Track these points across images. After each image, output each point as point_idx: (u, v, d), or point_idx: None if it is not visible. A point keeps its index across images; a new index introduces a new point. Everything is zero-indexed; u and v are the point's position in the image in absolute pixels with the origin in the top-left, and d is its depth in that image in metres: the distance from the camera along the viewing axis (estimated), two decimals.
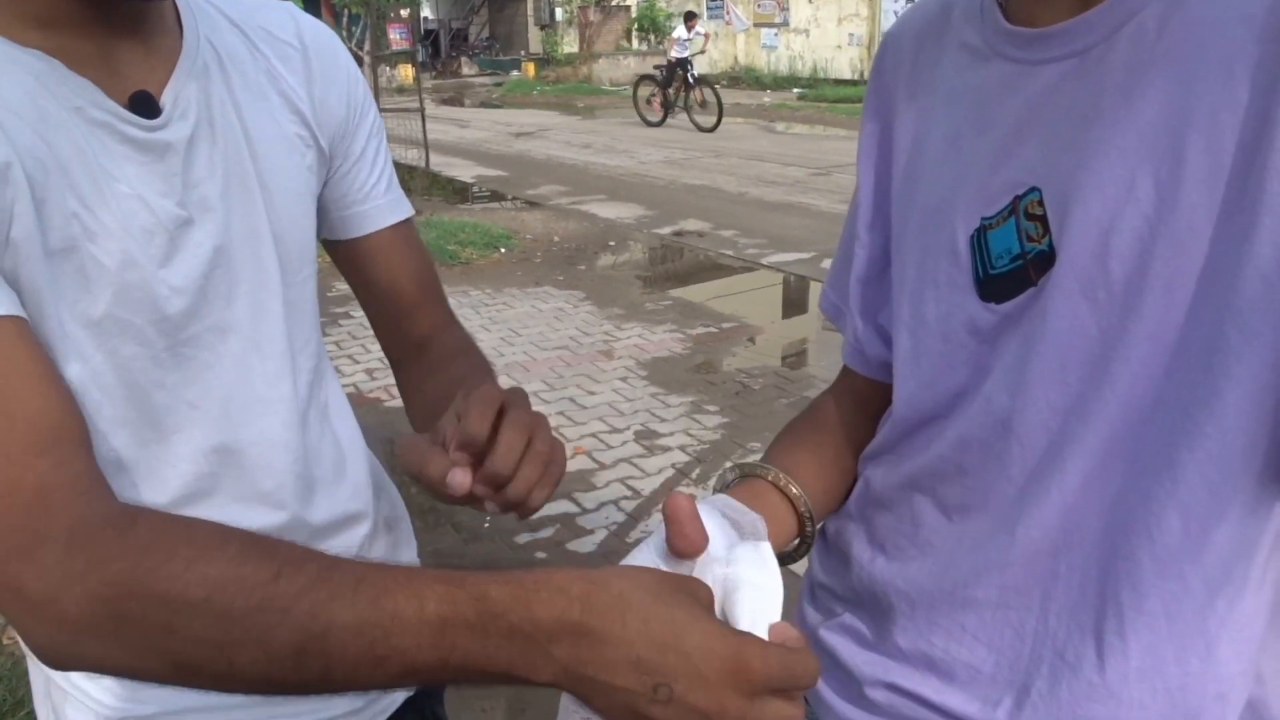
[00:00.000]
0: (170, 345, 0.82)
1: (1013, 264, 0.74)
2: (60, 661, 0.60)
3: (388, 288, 1.02)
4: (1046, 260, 0.71)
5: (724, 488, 0.89)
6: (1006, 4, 0.77)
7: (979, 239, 0.77)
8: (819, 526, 0.94)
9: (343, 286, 1.05)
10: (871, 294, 0.93)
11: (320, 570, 0.57)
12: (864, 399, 0.97)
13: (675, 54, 16.21)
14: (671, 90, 16.17)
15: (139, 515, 0.60)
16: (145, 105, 0.78)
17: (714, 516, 0.71)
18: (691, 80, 15.67)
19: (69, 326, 0.75)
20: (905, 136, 0.86)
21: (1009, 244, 0.74)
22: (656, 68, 16.83)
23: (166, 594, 0.55)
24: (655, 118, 16.55)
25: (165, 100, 0.80)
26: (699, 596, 0.60)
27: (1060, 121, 0.71)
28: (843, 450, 0.97)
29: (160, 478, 0.83)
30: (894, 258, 0.88)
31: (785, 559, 0.93)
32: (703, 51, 16.55)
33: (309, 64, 0.92)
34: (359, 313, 1.02)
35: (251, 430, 0.88)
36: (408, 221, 1.03)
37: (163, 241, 0.79)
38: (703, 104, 15.46)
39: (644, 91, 16.99)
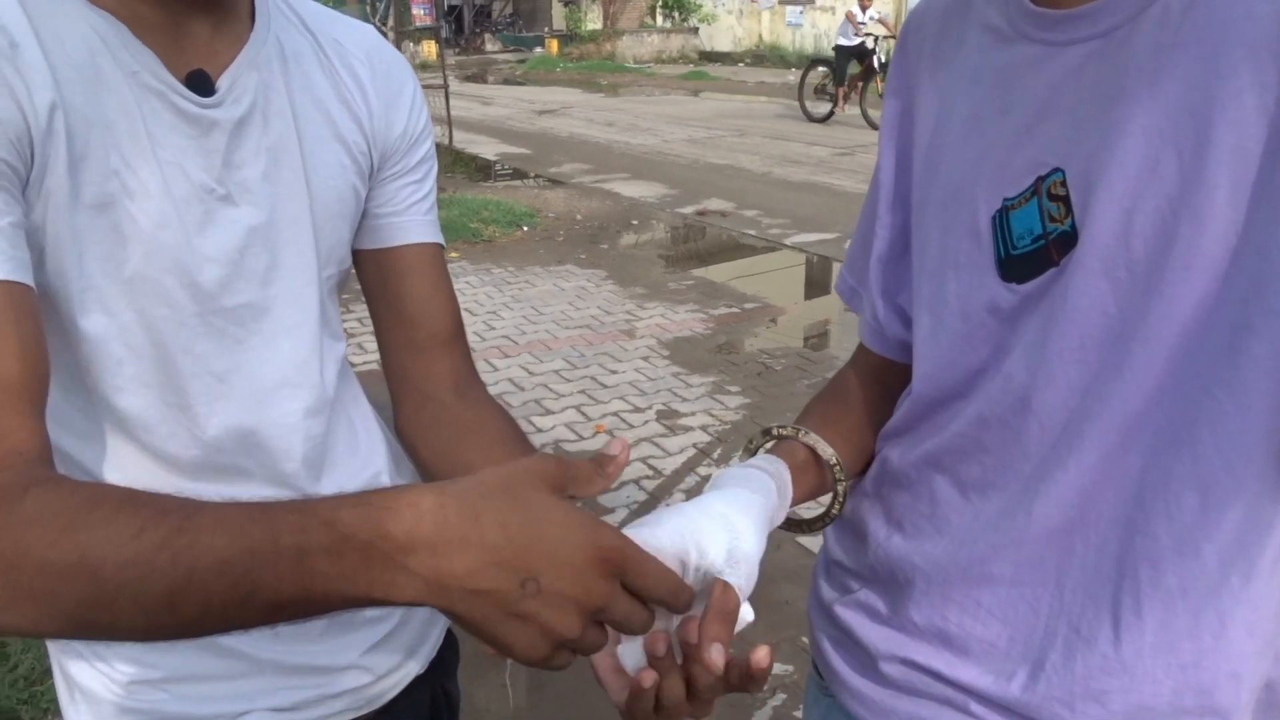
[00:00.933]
0: (201, 313, 0.83)
1: (1034, 244, 0.75)
2: None
3: (416, 315, 0.98)
4: (1069, 240, 0.72)
5: (755, 451, 0.91)
6: None
7: (1001, 219, 0.77)
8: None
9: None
10: (892, 274, 0.93)
11: (182, 519, 0.58)
12: (881, 378, 0.98)
13: (846, 39, 13.93)
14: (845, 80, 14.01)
15: (30, 487, 0.61)
16: (200, 84, 0.81)
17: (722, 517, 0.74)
18: (877, 66, 13.44)
19: (97, 280, 0.78)
20: (928, 116, 0.87)
21: (1031, 224, 0.75)
22: (836, 49, 14.29)
23: (45, 561, 0.57)
24: (822, 110, 14.20)
25: (222, 84, 0.82)
26: (551, 482, 0.61)
27: (1084, 102, 0.72)
28: (862, 426, 0.98)
29: (180, 443, 0.86)
30: (914, 237, 0.88)
31: (818, 522, 0.95)
32: (891, 36, 13.77)
33: (375, 81, 0.94)
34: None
35: (275, 412, 0.89)
36: (440, 249, 1.01)
37: (199, 211, 0.81)
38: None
39: (814, 78, 14.68)
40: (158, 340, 0.82)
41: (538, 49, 28.66)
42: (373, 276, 0.99)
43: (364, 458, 1.00)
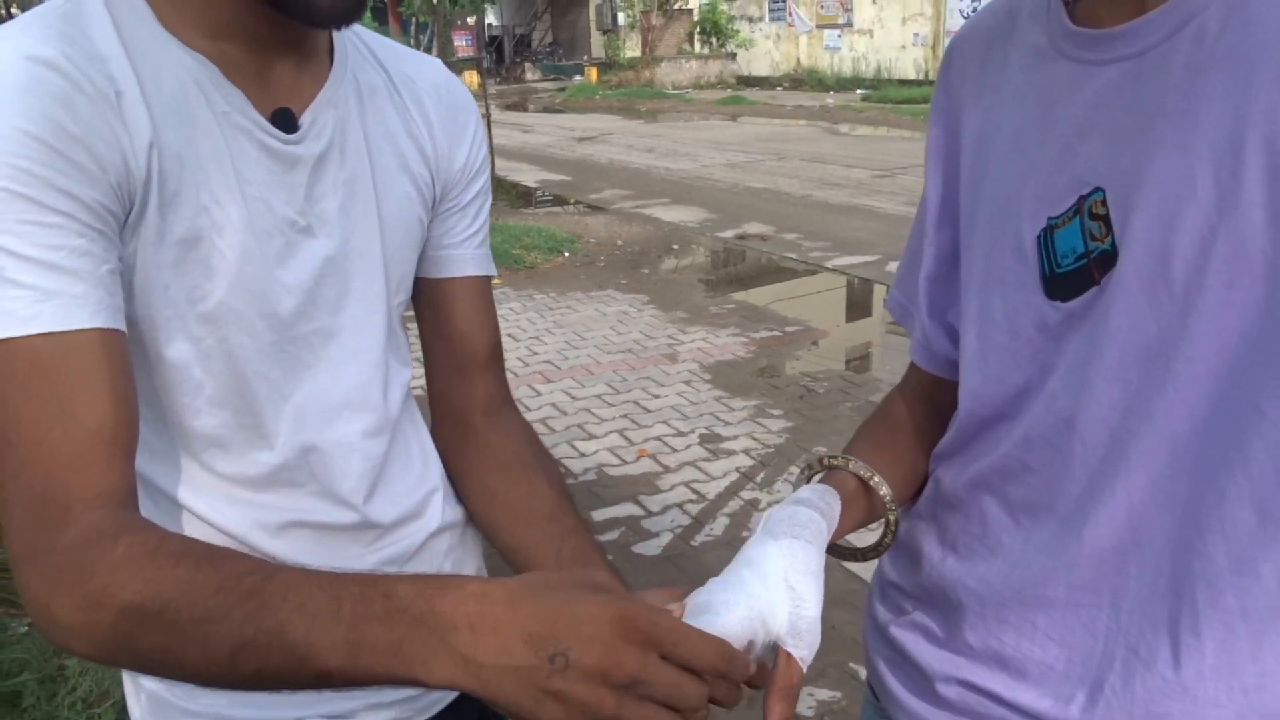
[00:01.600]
0: (277, 341, 0.87)
1: (1077, 263, 0.75)
2: (59, 648, 0.71)
3: (457, 337, 1.04)
4: (1109, 259, 0.72)
5: (809, 479, 0.92)
6: (1073, 5, 0.78)
7: (1046, 238, 0.78)
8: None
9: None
10: (940, 292, 0.94)
11: (257, 581, 0.64)
12: (931, 396, 0.99)
13: None
14: None
15: (120, 535, 0.67)
16: (285, 121, 0.85)
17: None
18: None
19: (183, 309, 0.81)
20: (972, 135, 0.87)
21: (1074, 243, 0.75)
22: None
23: (128, 606, 0.64)
24: None
25: (304, 120, 0.86)
26: (596, 584, 0.64)
27: (1122, 121, 0.72)
28: (914, 447, 0.98)
29: (250, 461, 0.89)
30: (963, 255, 0.89)
31: (871, 551, 0.96)
32: None
33: (441, 115, 0.98)
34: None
35: (336, 432, 0.92)
36: (489, 281, 1.06)
37: (280, 244, 0.85)
38: None
39: None
40: (235, 367, 0.85)
41: (577, 77, 28.94)
42: (422, 302, 1.05)
43: (418, 476, 1.02)
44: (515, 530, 0.99)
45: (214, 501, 0.88)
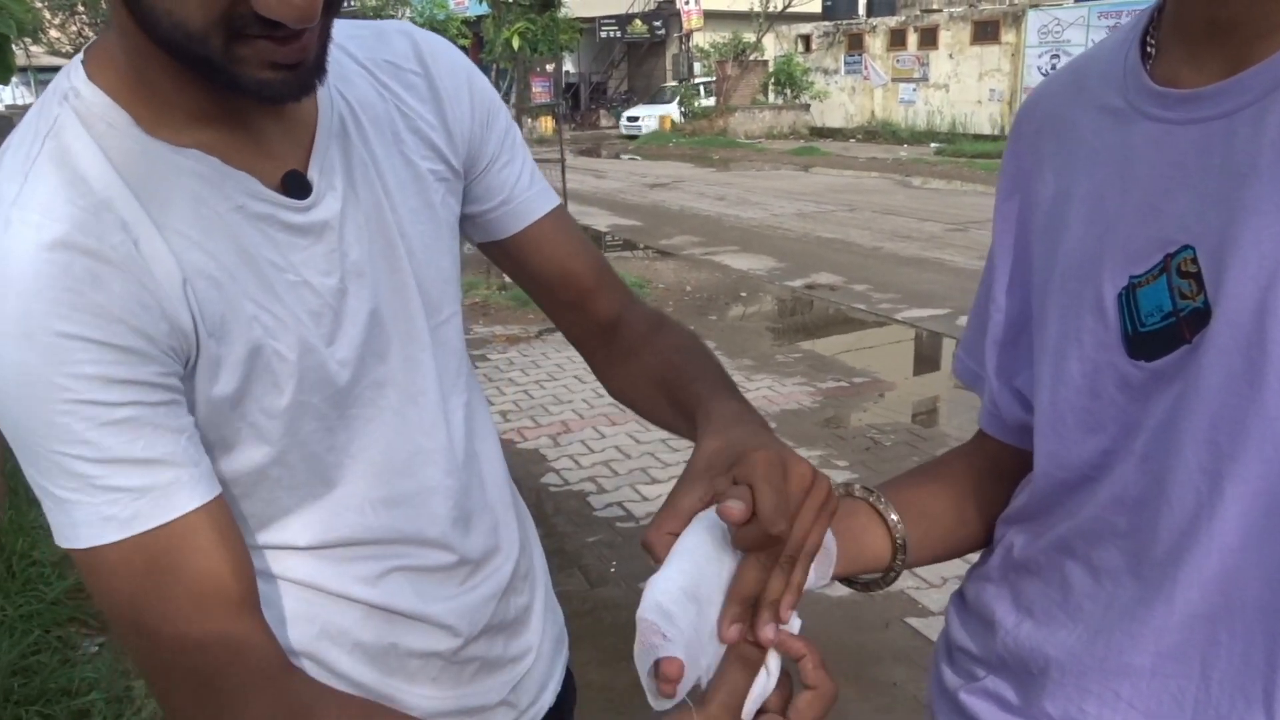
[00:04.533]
0: (340, 413, 0.85)
1: (1164, 321, 0.74)
2: None
3: (556, 277, 1.03)
4: (1201, 317, 0.71)
5: None
6: (1152, 67, 0.78)
7: (1127, 296, 0.77)
8: (912, 565, 0.94)
9: (478, 330, 1.08)
10: (1008, 357, 0.93)
11: None
12: (997, 462, 0.97)
13: None
14: None
15: (249, 694, 0.71)
16: (297, 184, 0.80)
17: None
18: None
19: (257, 418, 0.79)
20: (1043, 200, 0.87)
21: (1160, 301, 0.74)
22: None
23: None
24: None
25: (312, 173, 0.81)
26: None
27: (1212, 180, 0.71)
28: (963, 503, 0.96)
29: (330, 526, 0.87)
30: (1035, 319, 0.88)
31: (871, 585, 0.95)
32: None
33: (434, 87, 0.93)
34: (495, 355, 1.06)
35: (413, 480, 0.90)
36: (560, 210, 1.03)
37: (329, 320, 0.82)
38: None
39: None
40: (306, 450, 0.83)
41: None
42: (508, 263, 1.04)
43: (490, 503, 1.01)
44: (646, 409, 1.02)
45: (304, 568, 0.87)
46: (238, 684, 0.71)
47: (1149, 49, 0.79)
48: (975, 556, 1.00)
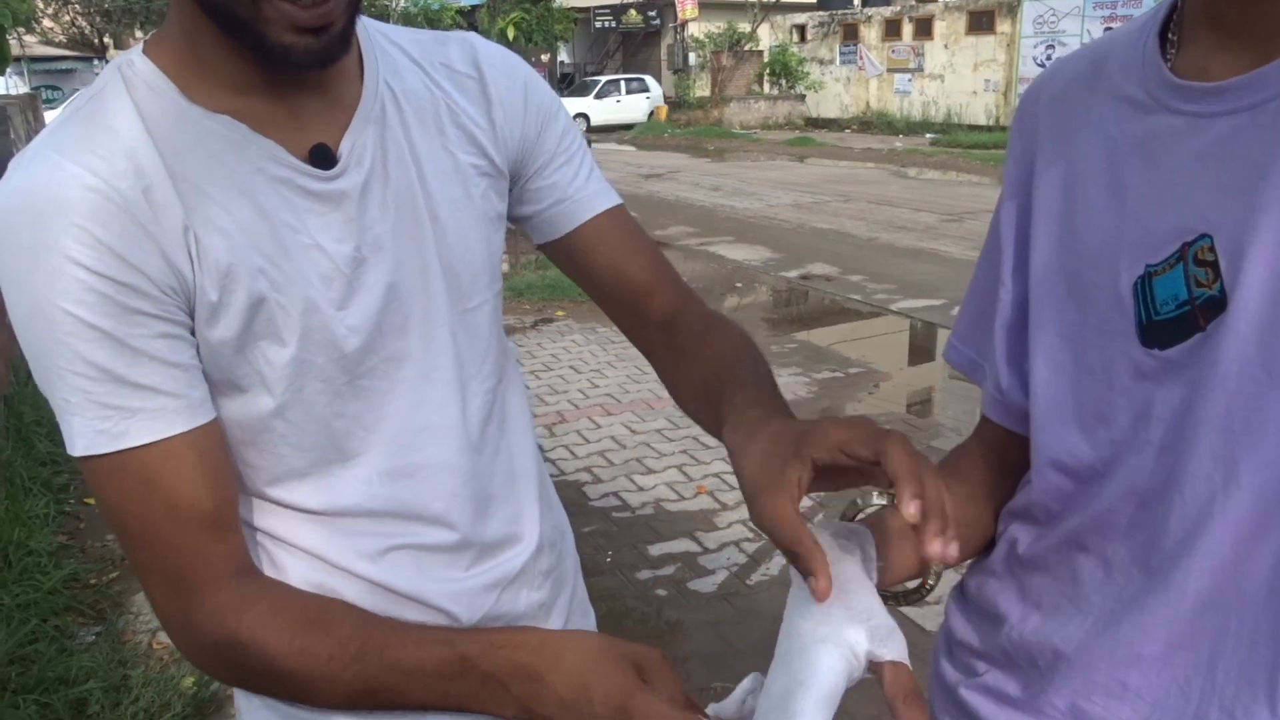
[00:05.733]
0: (349, 380, 0.87)
1: (1179, 309, 0.74)
2: (199, 669, 0.91)
3: (613, 276, 1.03)
4: (1217, 305, 0.71)
5: (852, 518, 0.88)
6: (1173, 59, 0.78)
7: (1143, 285, 0.77)
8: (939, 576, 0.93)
9: (508, 319, 1.06)
10: (1017, 341, 0.92)
11: (359, 647, 0.82)
12: (1003, 453, 0.96)
13: None
14: None
15: (244, 609, 0.81)
16: (323, 157, 0.84)
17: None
18: None
19: (261, 367, 0.83)
20: (1054, 185, 0.86)
21: (1176, 290, 0.74)
22: None
23: (257, 671, 0.82)
24: None
25: (342, 149, 0.85)
26: (638, 662, 0.81)
27: (1234, 171, 0.71)
28: (977, 504, 0.96)
29: (338, 493, 0.89)
30: (1034, 305, 0.87)
31: (909, 596, 0.93)
32: None
33: (486, 90, 0.96)
34: (523, 342, 1.07)
35: (421, 454, 0.92)
36: (618, 209, 1.04)
37: (341, 285, 0.85)
38: None
39: None
40: (313, 412, 0.86)
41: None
42: (565, 261, 1.05)
43: (511, 491, 1.01)
44: (693, 411, 1.02)
45: (312, 536, 0.90)
46: (199, 580, 0.81)
47: (1170, 40, 0.79)
48: None
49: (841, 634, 0.71)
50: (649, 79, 29.06)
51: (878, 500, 0.86)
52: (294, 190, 0.83)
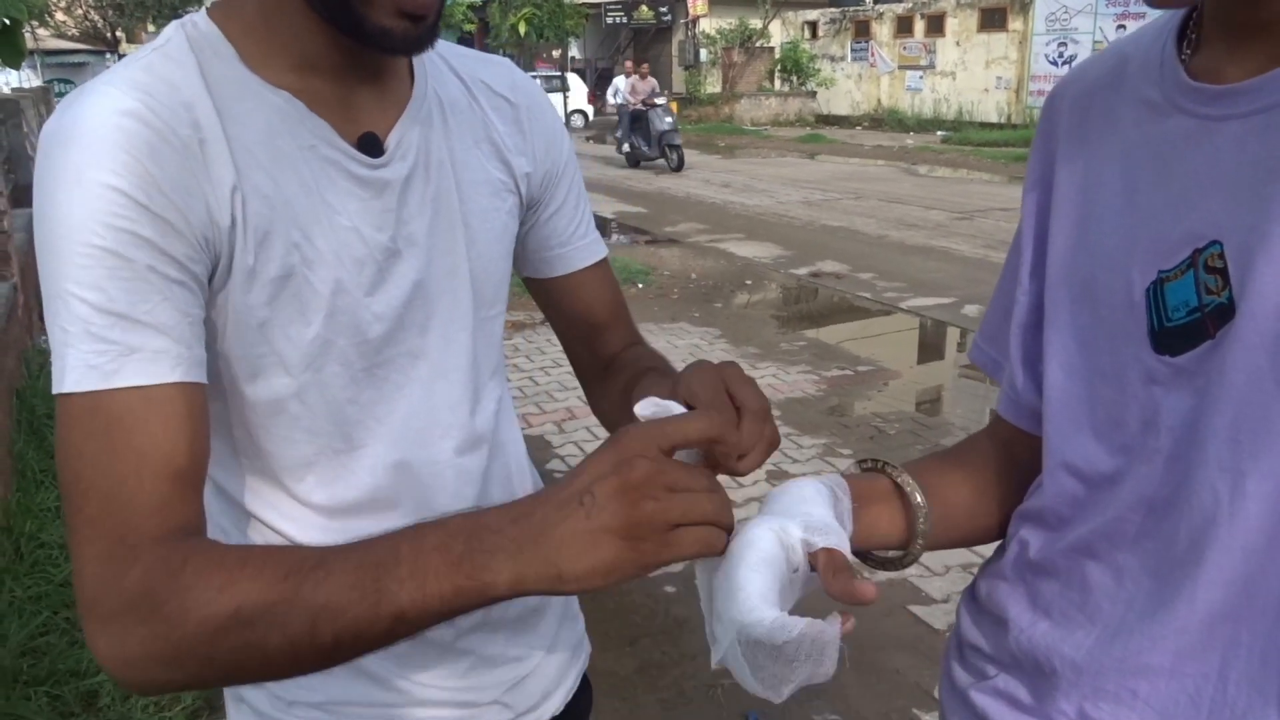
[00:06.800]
0: (367, 367, 0.88)
1: (1189, 316, 0.73)
2: (137, 689, 0.73)
3: (582, 317, 1.10)
4: (1225, 313, 0.70)
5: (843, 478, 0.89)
6: (1189, 61, 0.78)
7: (1155, 291, 0.76)
8: (919, 558, 0.93)
9: (516, 315, 1.09)
10: (1033, 341, 0.91)
11: (319, 556, 0.69)
12: (1013, 451, 0.96)
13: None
14: None
15: (189, 556, 0.70)
16: (371, 146, 0.86)
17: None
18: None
19: (280, 345, 0.83)
20: (1073, 186, 0.86)
21: (1186, 296, 0.74)
22: None
23: (203, 618, 0.68)
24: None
25: (390, 142, 0.87)
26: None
27: (1244, 176, 0.71)
28: (981, 495, 0.96)
29: (345, 484, 0.90)
30: (1049, 308, 0.87)
31: (888, 564, 0.94)
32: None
33: (519, 117, 0.99)
34: (532, 338, 1.09)
35: (428, 450, 0.93)
36: (602, 262, 1.10)
37: (372, 271, 0.86)
38: None
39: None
40: (328, 395, 0.87)
41: None
42: (543, 297, 1.11)
43: (513, 494, 1.02)
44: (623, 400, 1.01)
45: (312, 532, 0.89)
46: (146, 539, 0.71)
47: (1188, 41, 0.78)
48: (983, 547, 1.00)
49: (775, 520, 0.74)
50: (573, 77, 28.21)
51: (872, 467, 0.94)
52: (340, 172, 0.84)
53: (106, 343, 0.72)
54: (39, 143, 0.76)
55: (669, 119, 16.16)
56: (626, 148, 17.16)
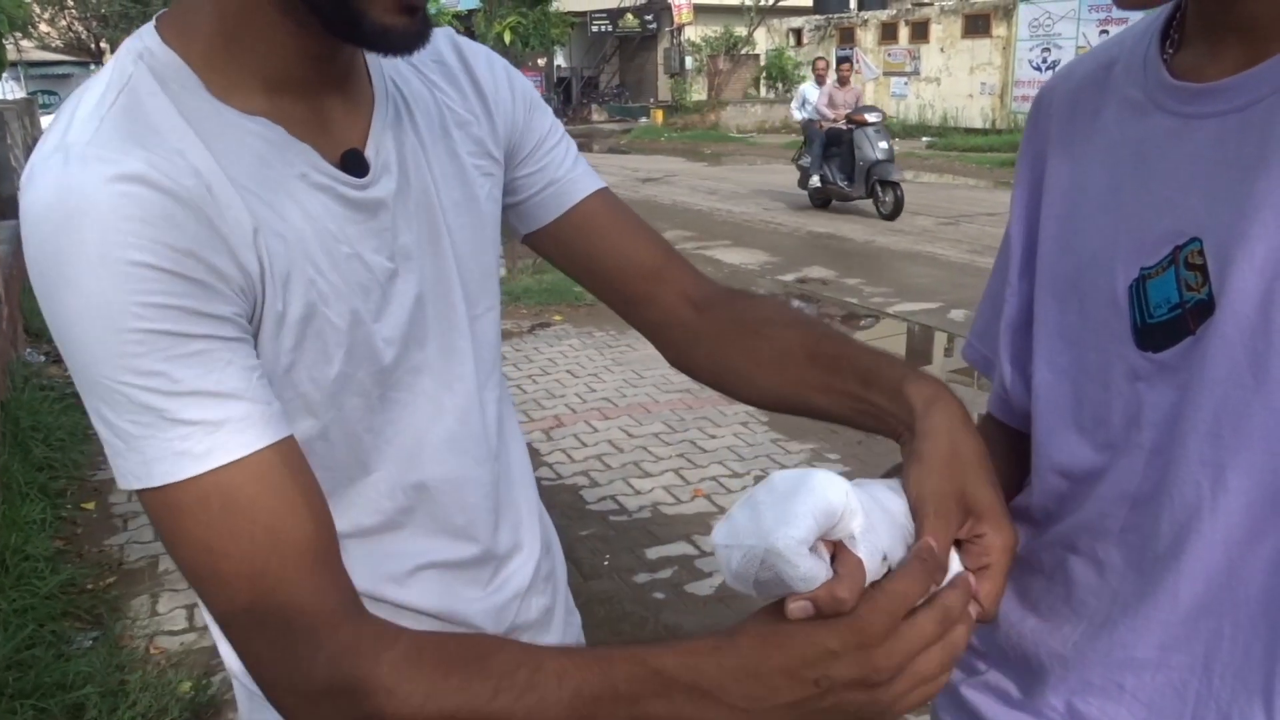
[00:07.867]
0: (382, 393, 0.85)
1: (1171, 313, 0.74)
2: None
3: (616, 260, 1.00)
4: (1205, 309, 0.71)
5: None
6: (1171, 60, 0.78)
7: (1138, 288, 0.77)
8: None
9: (505, 324, 1.04)
10: (1022, 340, 0.92)
11: (529, 676, 0.65)
12: (1004, 450, 0.96)
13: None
14: None
15: (380, 648, 0.67)
16: (355, 162, 0.82)
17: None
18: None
19: (306, 388, 0.80)
20: (1059, 185, 0.87)
21: (1168, 293, 0.74)
22: None
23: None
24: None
25: (369, 154, 0.83)
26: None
27: (1223, 174, 0.71)
28: None
29: (360, 509, 0.87)
30: (1038, 306, 0.88)
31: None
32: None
33: (475, 80, 0.95)
34: (520, 346, 1.04)
35: (444, 466, 0.90)
36: (607, 191, 1.02)
37: (377, 296, 0.83)
38: None
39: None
40: (349, 429, 0.84)
41: (643, 119, 29.22)
42: (557, 251, 1.02)
43: (517, 498, 1.01)
44: (787, 389, 0.92)
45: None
46: (316, 621, 0.67)
47: (1170, 40, 0.79)
48: None
49: (864, 502, 0.67)
50: None
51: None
52: (334, 198, 0.80)
53: (189, 425, 0.67)
54: (27, 220, 0.69)
55: (883, 144, 11.23)
56: (816, 181, 12.01)
